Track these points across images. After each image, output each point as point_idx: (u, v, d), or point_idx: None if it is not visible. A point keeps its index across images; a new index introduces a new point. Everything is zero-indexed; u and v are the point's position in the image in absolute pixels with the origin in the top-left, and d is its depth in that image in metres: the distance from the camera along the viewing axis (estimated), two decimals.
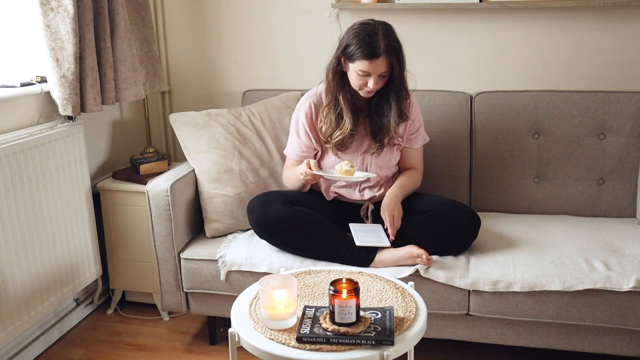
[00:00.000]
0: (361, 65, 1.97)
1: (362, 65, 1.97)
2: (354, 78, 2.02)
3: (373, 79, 1.98)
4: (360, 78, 2.00)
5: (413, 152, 2.25)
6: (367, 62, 1.95)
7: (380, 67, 1.96)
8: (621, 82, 2.49)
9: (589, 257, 1.97)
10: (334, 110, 2.10)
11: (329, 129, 2.11)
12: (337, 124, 2.10)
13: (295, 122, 2.21)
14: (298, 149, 2.20)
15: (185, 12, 2.85)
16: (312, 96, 2.18)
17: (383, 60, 1.95)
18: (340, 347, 1.39)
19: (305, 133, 2.17)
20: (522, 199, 2.44)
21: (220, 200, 2.26)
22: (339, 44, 2.05)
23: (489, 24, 2.56)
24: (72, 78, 2.15)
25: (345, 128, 2.08)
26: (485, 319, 1.99)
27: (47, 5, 2.09)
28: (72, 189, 2.29)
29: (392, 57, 1.96)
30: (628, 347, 1.93)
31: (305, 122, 2.16)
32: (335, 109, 2.10)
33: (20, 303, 2.05)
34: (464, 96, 2.48)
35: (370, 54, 1.94)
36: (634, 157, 2.34)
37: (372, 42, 1.94)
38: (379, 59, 1.95)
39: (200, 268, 2.16)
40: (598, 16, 2.46)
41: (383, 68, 1.97)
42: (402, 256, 1.97)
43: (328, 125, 2.11)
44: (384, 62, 1.96)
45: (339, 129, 2.09)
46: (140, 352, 2.32)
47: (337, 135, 2.10)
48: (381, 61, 1.95)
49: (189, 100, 2.94)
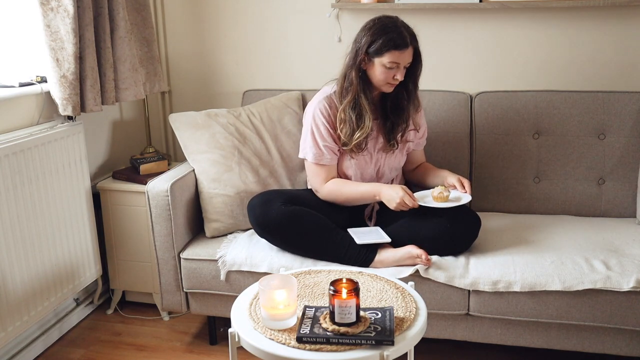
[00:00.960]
0: (391, 57, 2.00)
1: (392, 57, 2.00)
2: (380, 72, 2.04)
3: (401, 69, 2.03)
4: (388, 71, 2.03)
5: (418, 153, 2.35)
6: (398, 53, 2.00)
7: (408, 57, 2.03)
8: (621, 82, 2.49)
9: (589, 257, 1.97)
10: (353, 110, 2.08)
11: (349, 130, 2.08)
12: (358, 125, 2.08)
13: (313, 125, 2.13)
14: (326, 152, 2.13)
15: (185, 12, 2.85)
16: (324, 98, 2.15)
17: (411, 50, 2.03)
18: (340, 347, 1.39)
19: (328, 132, 2.12)
20: (522, 199, 2.44)
21: (220, 200, 2.26)
22: (358, 43, 2.05)
23: (489, 24, 2.56)
24: (72, 78, 2.15)
25: (366, 127, 2.08)
26: (485, 319, 1.99)
27: (47, 5, 2.09)
28: (72, 189, 2.29)
29: (417, 45, 2.06)
30: (628, 347, 1.93)
31: (324, 121, 2.12)
32: (355, 109, 2.08)
33: (20, 303, 2.05)
34: (464, 96, 2.48)
35: (400, 44, 2.00)
36: (634, 157, 2.34)
37: (400, 34, 2.00)
38: (408, 49, 2.02)
39: (200, 268, 2.16)
40: (598, 16, 2.46)
41: (411, 57, 2.05)
42: (402, 256, 1.97)
43: (348, 127, 2.08)
44: (411, 52, 2.04)
45: (360, 130, 2.07)
46: (140, 352, 2.32)
47: (358, 136, 2.08)
48: (409, 51, 2.03)
49: (189, 100, 2.94)
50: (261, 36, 2.79)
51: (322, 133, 2.12)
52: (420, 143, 2.31)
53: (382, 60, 2.01)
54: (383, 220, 2.15)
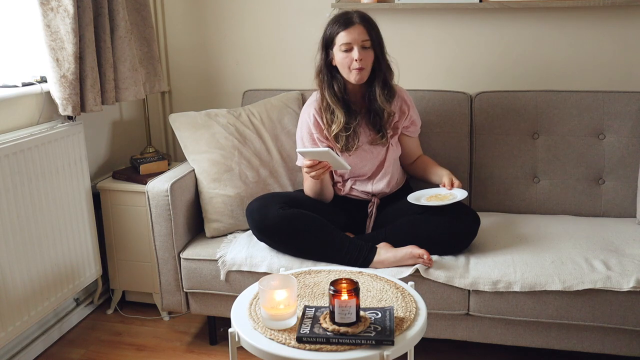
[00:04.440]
0: (341, 39, 2.04)
1: (342, 39, 2.04)
2: (339, 60, 2.07)
3: (356, 49, 2.03)
4: (346, 55, 2.04)
5: (414, 141, 2.33)
6: (345, 33, 2.03)
7: (358, 34, 2.03)
8: (621, 82, 2.49)
9: (589, 257, 1.97)
10: (328, 107, 2.12)
11: (328, 127, 2.13)
12: (332, 120, 2.12)
13: (300, 133, 2.21)
14: None
15: (185, 12, 2.85)
16: (311, 103, 2.20)
17: (360, 27, 2.03)
18: (340, 347, 1.39)
19: (310, 137, 2.17)
20: (522, 199, 2.44)
21: (220, 200, 2.26)
22: (320, 42, 2.13)
23: (489, 24, 2.56)
24: (72, 78, 2.15)
25: (339, 120, 2.10)
26: (485, 319, 1.99)
27: (47, 5, 2.09)
28: (72, 189, 2.29)
29: (369, 26, 2.05)
30: (628, 347, 1.93)
31: (312, 129, 2.16)
32: (329, 106, 2.12)
33: (20, 303, 2.05)
34: (464, 96, 2.48)
35: (345, 23, 2.04)
36: (634, 157, 2.34)
37: (345, 15, 2.07)
38: (355, 26, 2.03)
39: (200, 268, 2.16)
40: (598, 16, 2.46)
41: (362, 35, 2.04)
42: (403, 256, 1.97)
43: (327, 125, 2.13)
44: (362, 29, 2.04)
45: (334, 124, 2.11)
46: (140, 352, 2.32)
47: (334, 130, 2.11)
48: (358, 28, 2.03)
49: (189, 100, 2.94)
50: (261, 36, 2.79)
51: (304, 138, 2.19)
52: (412, 130, 2.29)
53: (337, 47, 2.06)
54: (382, 220, 2.15)
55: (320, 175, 2.00)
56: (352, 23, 2.04)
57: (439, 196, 2.07)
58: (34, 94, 2.18)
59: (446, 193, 2.08)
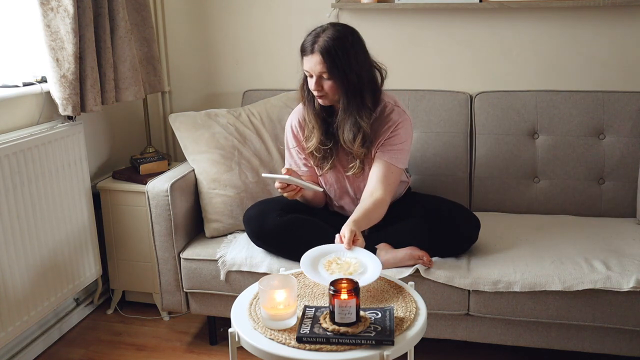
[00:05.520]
0: (304, 63, 1.90)
1: (304, 63, 1.90)
2: (307, 81, 1.94)
3: (313, 79, 1.88)
4: (309, 80, 1.91)
5: (383, 164, 1.95)
6: (305, 59, 1.88)
7: (314, 65, 1.85)
8: (621, 82, 2.49)
9: (589, 257, 1.97)
10: (308, 124, 2.03)
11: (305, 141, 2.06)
12: (310, 137, 2.04)
13: (289, 138, 2.14)
14: (302, 165, 2.13)
15: (185, 12, 2.85)
16: (297, 111, 2.11)
17: (317, 58, 1.83)
18: (340, 347, 1.39)
19: (289, 149, 2.14)
20: (522, 199, 2.44)
21: (220, 200, 2.26)
22: None
23: (489, 24, 2.56)
24: (72, 78, 2.15)
25: (316, 138, 2.00)
26: (485, 319, 1.99)
27: (47, 5, 2.09)
28: (72, 189, 2.29)
29: (328, 56, 1.82)
30: (628, 347, 1.93)
31: (290, 140, 2.12)
32: (310, 121, 2.02)
33: (20, 303, 2.05)
34: (464, 96, 2.48)
35: (302, 49, 1.89)
36: (634, 157, 2.34)
37: (312, 35, 1.87)
38: (313, 56, 1.84)
39: (200, 268, 2.16)
40: (598, 16, 2.46)
41: (319, 67, 1.84)
42: (403, 257, 1.97)
43: (305, 139, 2.06)
44: (319, 61, 1.83)
45: (310, 141, 2.03)
46: (140, 352, 2.32)
47: (309, 147, 2.04)
48: (316, 59, 1.84)
49: (188, 100, 2.94)
50: (261, 36, 2.79)
51: (287, 143, 2.14)
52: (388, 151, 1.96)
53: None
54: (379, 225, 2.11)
55: (293, 196, 1.94)
56: (305, 51, 1.87)
57: (339, 264, 1.66)
58: (34, 94, 2.18)
59: (349, 260, 1.67)
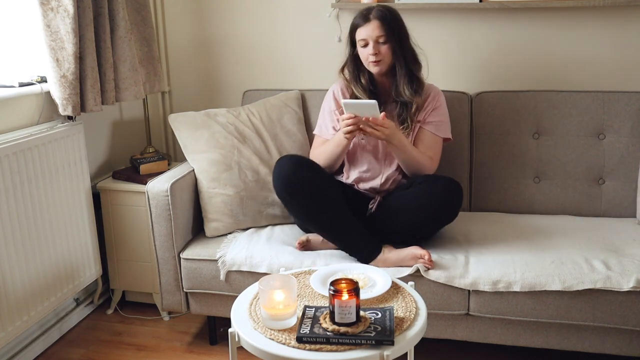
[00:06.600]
0: (359, 34, 2.11)
1: (359, 34, 2.11)
2: (361, 54, 2.15)
3: (371, 44, 2.09)
4: (364, 50, 2.12)
5: (426, 134, 2.20)
6: (361, 29, 2.10)
7: (374, 31, 2.08)
8: (621, 82, 2.49)
9: (589, 257, 1.97)
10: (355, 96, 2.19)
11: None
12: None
13: (324, 101, 2.31)
14: (331, 128, 2.25)
15: (185, 12, 2.85)
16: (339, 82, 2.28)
17: (376, 23, 2.08)
18: (340, 347, 1.39)
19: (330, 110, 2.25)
20: (522, 199, 2.44)
21: (220, 200, 2.26)
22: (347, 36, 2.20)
23: (489, 24, 2.56)
24: (72, 78, 2.15)
25: None
26: (485, 319, 1.99)
27: (47, 5, 2.09)
28: (72, 189, 2.29)
29: (385, 21, 2.08)
30: (628, 347, 1.93)
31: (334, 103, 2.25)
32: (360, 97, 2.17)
33: (20, 303, 2.05)
34: (464, 96, 2.48)
35: (362, 18, 2.11)
36: (634, 157, 2.34)
37: (362, 12, 2.13)
38: (371, 23, 2.08)
39: (200, 268, 2.16)
40: (598, 16, 2.46)
41: (377, 32, 2.08)
42: (405, 256, 1.98)
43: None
44: (377, 25, 2.08)
45: None
46: (140, 352, 2.32)
47: None
48: (374, 24, 2.08)
49: (188, 100, 2.94)
50: (261, 36, 2.79)
51: (325, 110, 2.29)
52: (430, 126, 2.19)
53: (357, 42, 2.13)
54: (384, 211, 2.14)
55: (355, 132, 2.00)
56: (367, 19, 2.09)
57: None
58: (34, 94, 2.18)
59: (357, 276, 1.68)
